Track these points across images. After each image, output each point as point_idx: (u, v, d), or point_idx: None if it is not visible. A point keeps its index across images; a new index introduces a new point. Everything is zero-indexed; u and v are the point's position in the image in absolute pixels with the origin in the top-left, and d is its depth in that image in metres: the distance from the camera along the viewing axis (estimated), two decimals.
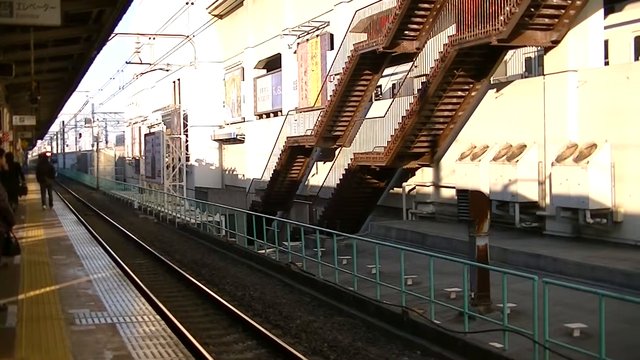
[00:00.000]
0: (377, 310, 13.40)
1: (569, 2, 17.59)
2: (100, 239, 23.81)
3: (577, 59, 17.98)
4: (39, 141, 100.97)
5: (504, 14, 17.26)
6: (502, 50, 19.65)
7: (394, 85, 31.68)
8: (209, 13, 48.27)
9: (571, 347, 9.24)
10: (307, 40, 34.45)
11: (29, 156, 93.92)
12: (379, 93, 32.81)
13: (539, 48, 19.91)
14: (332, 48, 31.69)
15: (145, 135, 52.61)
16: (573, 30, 17.94)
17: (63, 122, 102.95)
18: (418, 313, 12.25)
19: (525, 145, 19.06)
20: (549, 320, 9.47)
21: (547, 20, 18.02)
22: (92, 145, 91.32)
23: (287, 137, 32.41)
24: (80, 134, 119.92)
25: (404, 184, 24.65)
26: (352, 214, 25.70)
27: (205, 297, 16.18)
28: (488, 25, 17.90)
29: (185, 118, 48.99)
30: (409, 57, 25.33)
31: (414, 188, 24.51)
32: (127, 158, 78.38)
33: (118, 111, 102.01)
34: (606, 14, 19.06)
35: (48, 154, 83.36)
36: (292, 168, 32.79)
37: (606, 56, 19.48)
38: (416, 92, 22.10)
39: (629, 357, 9.83)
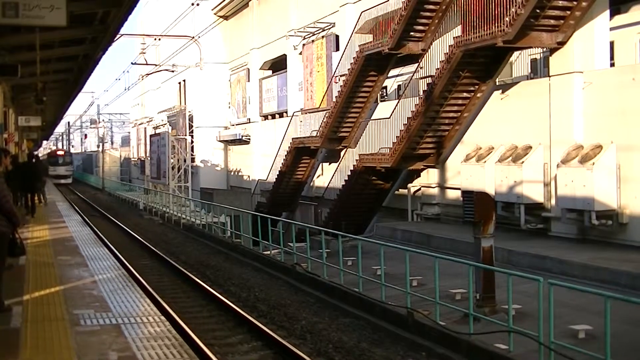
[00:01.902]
0: (382, 311, 13.39)
1: (575, 3, 17.57)
2: (106, 240, 23.86)
3: (583, 61, 17.95)
4: (45, 142, 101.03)
5: (510, 15, 17.24)
6: (508, 51, 19.63)
7: (399, 86, 31.67)
8: (215, 14, 48.31)
9: (576, 348, 9.23)
10: (313, 41, 34.44)
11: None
12: (385, 94, 32.79)
13: (545, 49, 19.88)
14: (337, 49, 31.67)
15: (151, 136, 52.61)
16: (579, 32, 17.91)
17: (69, 122, 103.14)
18: (423, 314, 12.24)
19: (531, 147, 19.02)
20: (555, 321, 9.45)
21: (552, 22, 17.99)
22: (98, 146, 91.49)
23: (293, 138, 32.41)
24: (85, 135, 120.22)
25: (409, 185, 24.63)
26: (357, 215, 25.68)
27: (210, 298, 16.19)
28: (494, 27, 17.89)
29: (191, 119, 49.01)
30: (414, 58, 25.33)
31: (419, 189, 24.49)
32: (132, 159, 78.43)
33: (123, 112, 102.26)
34: (612, 15, 19.04)
35: (60, 153, 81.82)
36: (297, 169, 32.80)
37: (612, 57, 19.44)
38: (422, 94, 22.08)
39: (634, 359, 9.81)
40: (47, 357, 7.17)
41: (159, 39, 44.35)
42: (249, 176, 44.30)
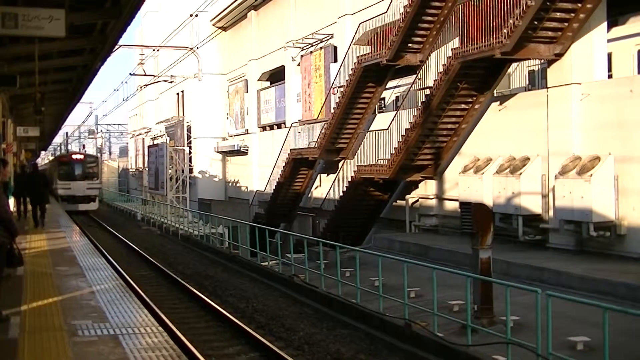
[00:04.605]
0: (380, 322, 13.38)
1: (573, 15, 17.62)
2: (104, 251, 23.81)
3: (581, 72, 17.99)
4: (43, 152, 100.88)
5: (508, 27, 17.30)
6: (506, 63, 19.68)
7: (397, 97, 31.72)
8: (213, 25, 48.43)
9: None
10: (311, 52, 34.54)
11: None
12: (383, 106, 32.84)
13: (543, 61, 19.94)
14: (335, 60, 31.76)
15: (149, 146, 52.72)
16: (576, 43, 17.96)
17: (67, 133, 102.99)
18: (421, 326, 12.22)
19: (529, 158, 19.04)
20: (553, 333, 9.44)
21: (550, 33, 18.05)
22: None
23: (291, 149, 32.45)
24: (84, 145, 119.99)
25: (407, 196, 24.63)
26: (355, 226, 25.68)
27: (208, 308, 16.16)
28: (492, 38, 17.94)
29: (189, 130, 49.10)
30: (412, 69, 25.38)
31: (417, 200, 24.49)
32: (130, 169, 78.44)
33: (122, 123, 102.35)
34: (610, 27, 19.09)
35: (78, 157, 50.17)
36: (295, 180, 32.81)
37: (610, 69, 19.48)
38: (419, 105, 22.11)
39: None
40: None
41: (158, 50, 44.46)
42: (247, 187, 44.32)
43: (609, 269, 15.14)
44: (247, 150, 44.21)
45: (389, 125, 24.01)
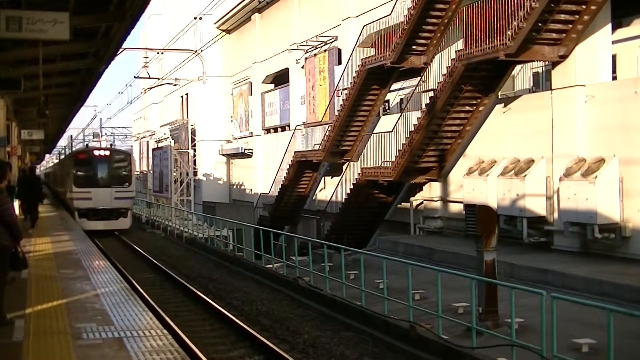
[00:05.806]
0: (385, 325, 13.35)
1: (577, 17, 17.61)
2: (108, 254, 23.81)
3: (585, 74, 17.98)
4: (47, 155, 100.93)
5: (512, 28, 17.30)
6: (510, 65, 19.66)
7: (401, 100, 31.70)
8: (217, 28, 48.49)
9: None
10: (315, 55, 34.55)
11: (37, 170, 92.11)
12: (387, 108, 32.82)
13: (547, 63, 19.91)
14: (339, 63, 31.77)
15: (153, 149, 52.66)
16: (581, 45, 17.95)
17: (71, 136, 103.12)
18: (425, 328, 12.20)
19: (533, 160, 19.02)
20: (557, 335, 9.42)
21: (554, 35, 18.04)
22: None
23: (295, 152, 32.46)
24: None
25: (412, 198, 24.62)
26: (359, 228, 25.67)
27: (212, 311, 16.15)
28: (496, 40, 17.94)
29: (193, 132, 49.11)
30: (416, 72, 25.37)
31: (422, 203, 24.48)
32: (134, 172, 78.41)
33: (126, 125, 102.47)
34: (614, 28, 19.07)
35: (102, 153, 36.34)
36: (299, 183, 32.81)
37: (614, 71, 19.46)
38: (424, 107, 22.11)
39: None
40: None
41: (162, 53, 44.49)
42: (251, 190, 44.34)
43: (614, 271, 15.12)
44: (252, 152, 44.24)
45: (393, 128, 24.00)
